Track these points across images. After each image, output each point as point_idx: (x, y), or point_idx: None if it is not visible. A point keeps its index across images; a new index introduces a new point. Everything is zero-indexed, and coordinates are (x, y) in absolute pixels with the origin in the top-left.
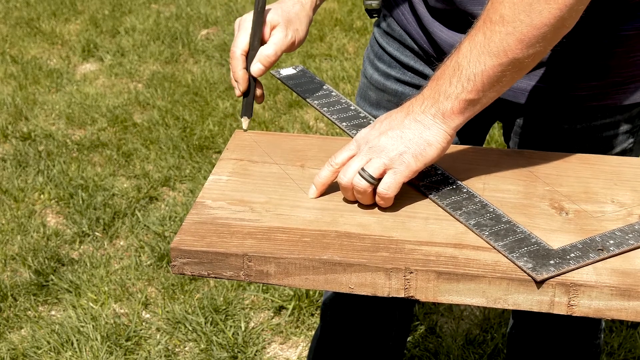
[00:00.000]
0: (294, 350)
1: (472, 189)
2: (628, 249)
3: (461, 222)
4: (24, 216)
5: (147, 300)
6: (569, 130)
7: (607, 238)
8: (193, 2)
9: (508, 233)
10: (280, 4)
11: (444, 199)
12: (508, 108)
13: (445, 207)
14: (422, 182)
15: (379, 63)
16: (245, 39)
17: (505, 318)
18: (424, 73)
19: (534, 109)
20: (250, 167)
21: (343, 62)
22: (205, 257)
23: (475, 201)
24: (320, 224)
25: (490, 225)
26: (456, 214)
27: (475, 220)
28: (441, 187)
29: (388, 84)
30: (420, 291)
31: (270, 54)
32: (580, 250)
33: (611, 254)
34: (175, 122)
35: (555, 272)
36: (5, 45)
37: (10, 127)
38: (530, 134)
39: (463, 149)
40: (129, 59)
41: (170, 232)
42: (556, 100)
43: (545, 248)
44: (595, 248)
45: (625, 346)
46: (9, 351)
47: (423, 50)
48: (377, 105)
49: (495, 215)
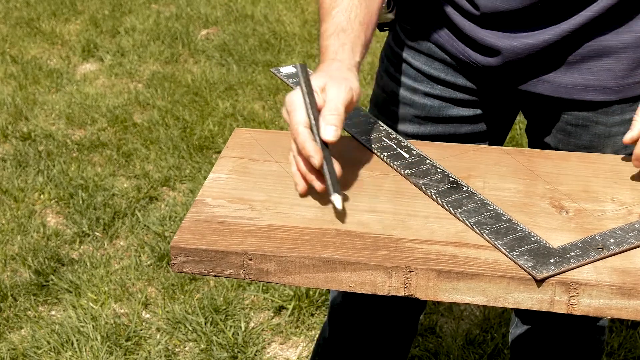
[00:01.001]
0: (294, 350)
1: (472, 187)
2: (628, 247)
3: (461, 220)
4: (24, 216)
5: (147, 300)
6: (620, 121)
7: (608, 237)
8: (193, 2)
9: (508, 231)
10: (320, 69)
11: (444, 197)
12: (554, 104)
13: (445, 205)
14: (422, 180)
15: (404, 78)
16: (302, 113)
17: (505, 318)
18: (457, 84)
19: (587, 103)
20: (250, 165)
21: None
22: (205, 255)
23: (476, 199)
24: (320, 222)
25: (490, 224)
26: (456, 213)
27: (475, 218)
28: (441, 186)
29: (416, 99)
30: (420, 290)
31: (336, 108)
32: (581, 249)
33: (611, 252)
34: (175, 122)
35: (556, 271)
36: (5, 45)
37: (10, 127)
38: (579, 127)
39: (463, 147)
40: (129, 59)
41: (170, 232)
42: (612, 91)
43: (545, 247)
44: (595, 247)
45: (626, 346)
46: (9, 351)
47: (457, 60)
48: (403, 119)
49: (495, 214)
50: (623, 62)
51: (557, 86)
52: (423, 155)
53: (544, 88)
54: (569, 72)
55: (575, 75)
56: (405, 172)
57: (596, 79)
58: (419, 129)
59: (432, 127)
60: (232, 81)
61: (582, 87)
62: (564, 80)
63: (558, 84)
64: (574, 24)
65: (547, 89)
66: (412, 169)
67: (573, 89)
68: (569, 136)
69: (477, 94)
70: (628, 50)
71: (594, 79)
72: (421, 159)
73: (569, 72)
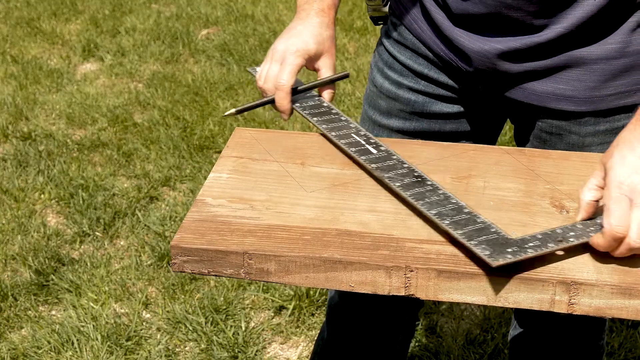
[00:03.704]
0: (294, 350)
1: (437, 182)
2: (588, 240)
3: (423, 212)
4: (24, 216)
5: (147, 300)
6: (593, 132)
7: (569, 230)
8: (193, 2)
9: (468, 222)
10: (307, 28)
11: (407, 190)
12: (531, 111)
13: (408, 197)
14: (387, 174)
15: (390, 72)
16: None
17: (505, 318)
18: (439, 80)
19: (559, 112)
20: (251, 164)
21: (343, 61)
22: (206, 255)
23: (439, 193)
24: (320, 222)
25: (451, 215)
26: (418, 204)
27: (437, 210)
28: (406, 179)
29: (400, 93)
30: (421, 289)
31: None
32: (540, 240)
33: (570, 244)
34: (175, 122)
35: (512, 259)
36: (5, 45)
37: (11, 127)
38: (553, 136)
39: (464, 147)
40: (129, 58)
41: (170, 232)
42: (582, 101)
43: (504, 237)
44: (555, 239)
45: (626, 346)
46: (9, 351)
47: (439, 58)
48: (388, 113)
49: (457, 207)
50: (595, 74)
51: (530, 93)
52: (391, 152)
53: (517, 94)
54: (542, 80)
55: (548, 84)
56: (372, 166)
57: (568, 88)
58: (404, 124)
59: (417, 122)
60: (232, 81)
61: (554, 95)
62: (537, 88)
63: (531, 91)
64: (545, 38)
65: (520, 95)
66: (379, 164)
67: (545, 97)
68: (544, 144)
69: (459, 92)
70: (600, 62)
71: (565, 88)
72: (388, 154)
73: (542, 80)
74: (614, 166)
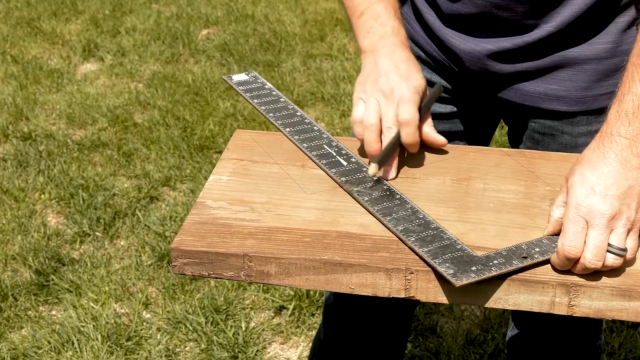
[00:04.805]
0: (294, 350)
1: (405, 195)
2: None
3: (389, 228)
4: (24, 216)
5: (147, 300)
6: (585, 132)
7: (534, 246)
8: (194, 2)
9: (434, 239)
10: (401, 64)
11: (375, 204)
12: (523, 111)
13: (375, 212)
14: (356, 187)
15: None
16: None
17: (505, 318)
18: (431, 80)
19: (551, 112)
20: (251, 167)
21: (344, 62)
22: (206, 258)
23: (407, 207)
24: (320, 224)
25: (417, 232)
26: (385, 220)
27: (403, 226)
28: (374, 194)
29: None
30: (421, 291)
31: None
32: (504, 257)
33: (535, 261)
34: (175, 122)
35: (476, 279)
36: (5, 45)
37: (11, 127)
38: (546, 136)
39: (464, 149)
40: (129, 58)
41: (170, 232)
42: (574, 102)
43: (469, 255)
44: (519, 255)
45: (626, 346)
46: (10, 351)
47: (432, 58)
48: None
49: (424, 222)
50: (586, 74)
51: (522, 94)
52: (361, 164)
53: (509, 95)
54: (534, 81)
55: (540, 84)
56: (341, 179)
57: (559, 88)
58: None
59: None
60: None
61: (545, 96)
62: (529, 89)
63: (523, 91)
64: (535, 37)
65: (512, 96)
66: (348, 177)
67: (537, 98)
68: (537, 144)
69: (452, 92)
70: (591, 62)
71: (557, 88)
72: (359, 166)
73: (534, 80)
74: (574, 185)
